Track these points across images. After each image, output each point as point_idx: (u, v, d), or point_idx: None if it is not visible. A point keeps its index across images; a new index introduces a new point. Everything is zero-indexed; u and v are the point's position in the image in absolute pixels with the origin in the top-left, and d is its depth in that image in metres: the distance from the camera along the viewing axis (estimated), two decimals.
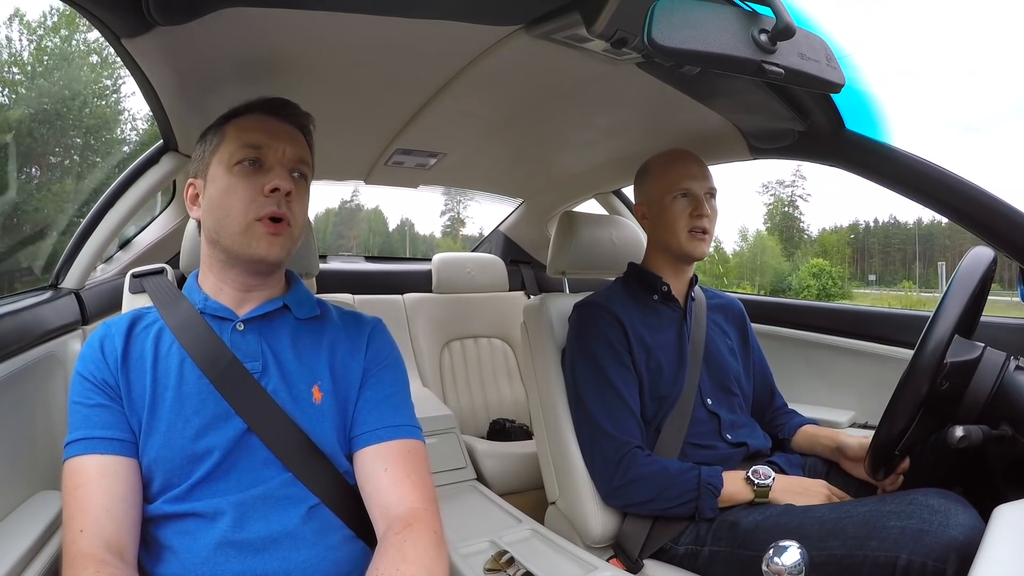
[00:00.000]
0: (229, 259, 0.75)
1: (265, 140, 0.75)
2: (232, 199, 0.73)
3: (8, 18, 15.67)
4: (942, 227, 33.79)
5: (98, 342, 0.73)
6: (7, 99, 15.59)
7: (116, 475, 0.66)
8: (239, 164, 0.74)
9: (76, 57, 16.09)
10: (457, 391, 2.01)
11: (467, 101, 1.12)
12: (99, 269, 1.50)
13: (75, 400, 0.71)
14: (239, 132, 0.76)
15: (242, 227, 0.72)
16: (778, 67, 0.68)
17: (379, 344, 0.83)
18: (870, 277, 33.63)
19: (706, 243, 1.15)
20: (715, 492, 0.98)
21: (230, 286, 0.77)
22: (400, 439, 0.76)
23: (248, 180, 0.73)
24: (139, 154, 1.27)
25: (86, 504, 0.64)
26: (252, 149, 0.74)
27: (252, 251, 0.73)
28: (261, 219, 0.72)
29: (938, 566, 0.70)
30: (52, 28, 16.85)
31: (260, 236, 0.72)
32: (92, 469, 0.66)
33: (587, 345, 1.12)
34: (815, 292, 10.35)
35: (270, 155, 0.75)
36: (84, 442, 0.68)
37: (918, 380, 0.79)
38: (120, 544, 0.64)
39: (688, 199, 1.14)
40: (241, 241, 0.72)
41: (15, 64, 15.81)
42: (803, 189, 36.33)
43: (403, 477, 0.72)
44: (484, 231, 2.59)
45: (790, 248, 34.03)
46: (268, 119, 0.78)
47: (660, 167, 1.18)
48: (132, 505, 0.66)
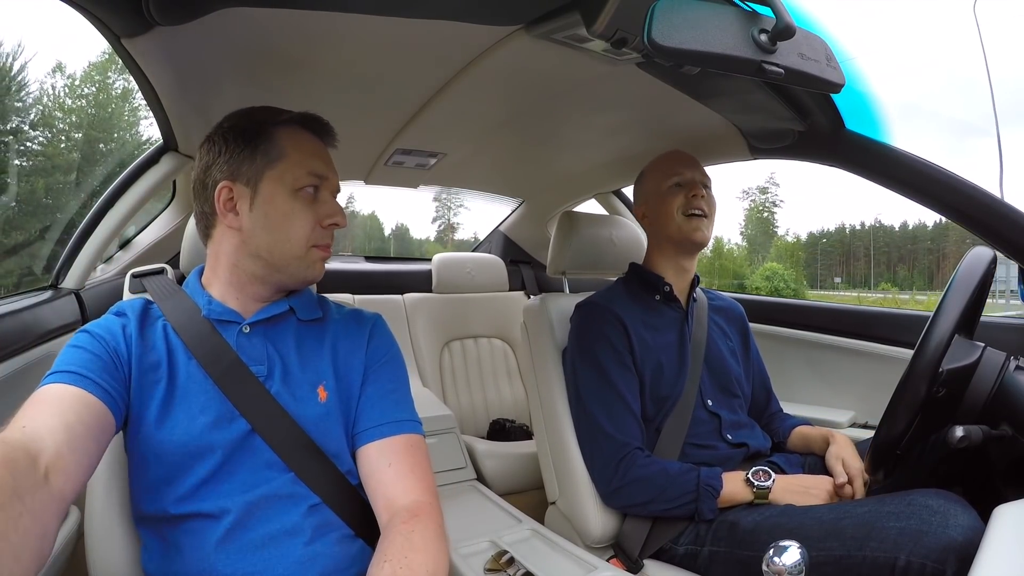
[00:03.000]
0: (269, 273, 0.76)
1: (325, 171, 0.77)
2: (295, 225, 0.74)
3: (52, 69, 16.36)
4: (927, 230, 34.43)
5: (119, 323, 0.72)
6: (66, 144, 16.16)
7: (73, 403, 0.61)
8: (303, 190, 0.74)
9: (114, 103, 16.64)
10: (457, 391, 2.01)
11: (467, 101, 1.12)
12: (99, 269, 1.50)
13: (72, 344, 0.68)
14: (303, 156, 0.75)
15: (302, 252, 0.75)
16: (778, 67, 0.68)
17: (379, 340, 0.83)
18: (836, 279, 34.67)
19: (704, 227, 1.15)
20: (714, 493, 0.98)
21: (248, 296, 0.77)
22: (402, 434, 0.77)
23: (310, 208, 0.75)
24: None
25: (24, 412, 0.58)
26: (316, 178, 0.75)
27: (307, 275, 0.77)
28: (318, 247, 0.76)
29: (937, 567, 0.70)
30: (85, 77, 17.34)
31: (315, 261, 0.76)
32: (52, 392, 0.61)
33: (588, 346, 1.12)
34: (766, 292, 11.31)
35: (325, 185, 0.77)
36: (60, 374, 0.63)
37: (918, 381, 0.78)
38: (38, 452, 0.53)
39: (682, 187, 1.15)
40: (297, 265, 0.75)
41: (60, 109, 16.34)
42: (776, 195, 37.03)
43: (407, 472, 0.73)
44: (477, 236, 2.61)
45: (763, 252, 34.93)
46: (321, 144, 0.79)
47: (653, 166, 1.21)
48: (74, 435, 0.58)
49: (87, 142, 16.06)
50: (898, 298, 27.45)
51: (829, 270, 35.99)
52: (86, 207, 1.30)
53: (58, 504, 0.53)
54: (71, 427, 0.58)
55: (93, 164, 15.90)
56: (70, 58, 25.99)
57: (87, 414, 0.61)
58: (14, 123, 15.44)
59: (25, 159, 14.54)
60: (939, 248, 34.20)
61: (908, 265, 35.17)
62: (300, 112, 0.78)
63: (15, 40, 20.05)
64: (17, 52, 14.95)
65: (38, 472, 0.52)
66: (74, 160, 15.36)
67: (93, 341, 0.69)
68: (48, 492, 0.52)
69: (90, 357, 0.67)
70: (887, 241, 36.01)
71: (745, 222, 36.84)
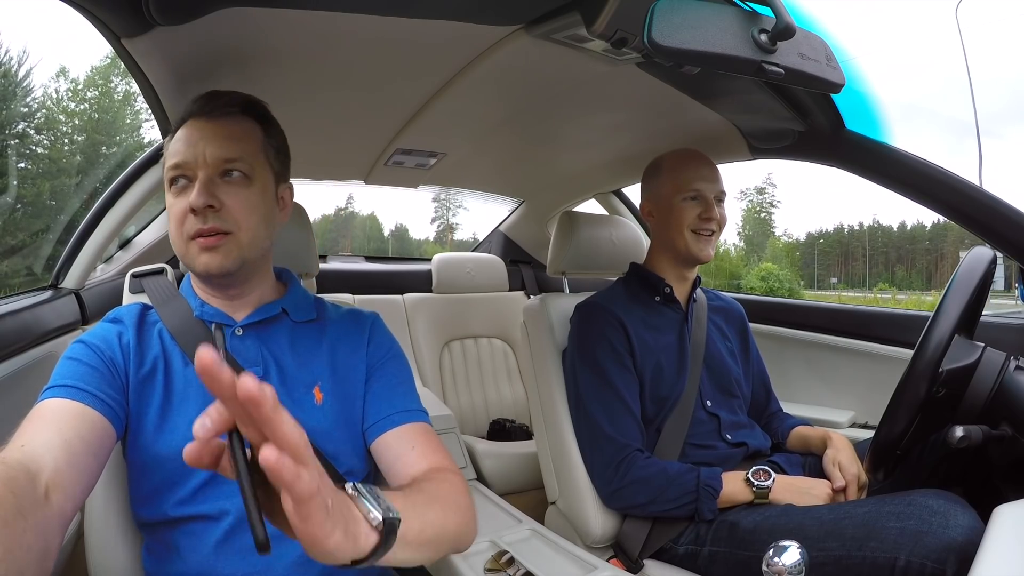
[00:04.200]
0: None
1: (186, 153, 0.71)
2: (172, 222, 0.72)
3: (56, 74, 16.53)
4: (924, 231, 34.63)
5: (114, 330, 0.73)
6: (69, 147, 16.28)
7: (72, 419, 0.61)
8: (172, 185, 0.73)
9: (116, 107, 16.77)
10: (457, 391, 2.01)
11: (467, 101, 1.12)
12: (99, 269, 1.50)
13: (68, 356, 0.69)
14: (170, 149, 0.73)
15: (183, 249, 0.73)
16: (778, 67, 0.68)
17: (379, 339, 0.83)
18: (832, 280, 34.98)
19: (712, 246, 1.15)
20: (714, 494, 0.98)
21: (212, 295, 0.77)
22: (417, 422, 0.77)
23: (179, 199, 0.71)
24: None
25: (23, 430, 0.59)
26: (175, 168, 0.71)
27: (196, 268, 0.73)
28: (194, 237, 0.71)
29: (937, 567, 0.70)
30: (88, 81, 17.41)
31: (196, 254, 0.71)
32: (50, 408, 0.62)
33: (588, 346, 1.12)
34: (761, 292, 11.48)
35: (194, 167, 0.71)
36: (57, 388, 0.64)
37: (918, 381, 0.79)
38: (37, 471, 0.54)
39: (698, 201, 1.13)
40: (187, 260, 0.73)
41: (64, 113, 16.46)
42: (773, 196, 37.33)
43: (431, 452, 0.74)
44: (476, 236, 2.60)
45: (760, 253, 35.20)
46: (195, 124, 0.73)
47: (672, 166, 1.17)
48: (73, 452, 0.58)
49: (90, 145, 16.15)
50: (897, 298, 27.69)
51: (827, 270, 36.27)
52: (87, 208, 1.30)
53: (59, 521, 0.53)
54: (70, 444, 0.58)
55: (96, 167, 16.00)
56: (73, 62, 26.17)
57: (86, 429, 0.62)
58: (20, 127, 15.53)
59: (30, 162, 14.64)
60: (937, 248, 34.38)
61: (906, 265, 35.37)
62: (192, 101, 0.74)
63: (20, 46, 20.20)
64: (23, 58, 15.05)
65: (38, 491, 0.52)
66: (77, 163, 15.45)
67: (89, 352, 0.69)
68: (49, 510, 0.52)
69: (87, 369, 0.67)
70: (885, 241, 36.20)
71: (742, 222, 37.21)
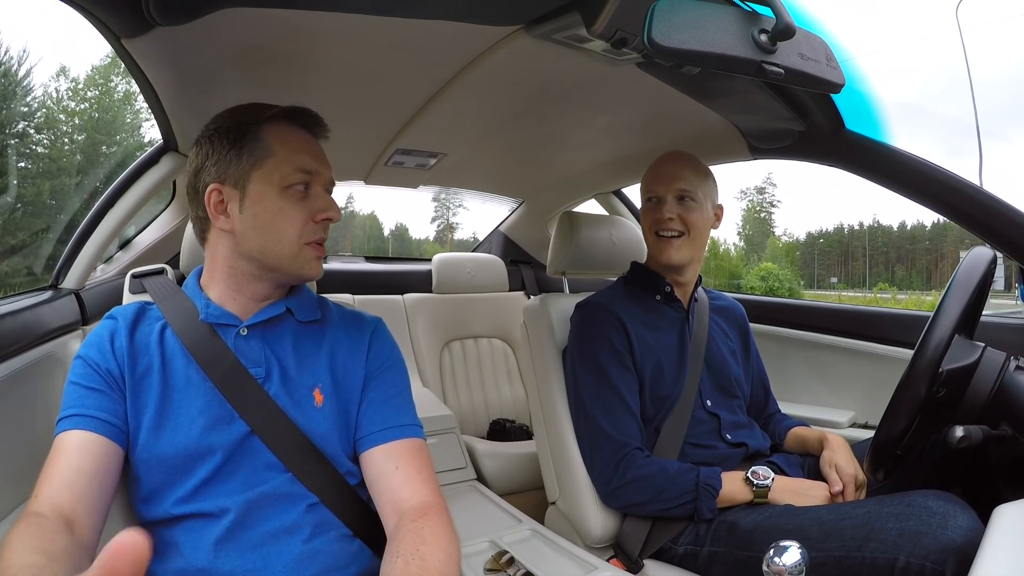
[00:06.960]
0: (265, 273, 0.75)
1: (314, 165, 0.75)
2: (285, 224, 0.73)
3: (56, 73, 16.64)
4: (924, 231, 34.75)
5: (108, 333, 0.74)
6: (69, 147, 16.41)
7: (89, 451, 0.67)
8: (291, 188, 0.73)
9: (116, 106, 16.87)
10: (457, 391, 2.01)
11: (467, 101, 1.12)
12: (99, 269, 1.50)
13: (73, 381, 0.71)
14: (289, 152, 0.73)
15: (294, 251, 0.74)
16: (778, 67, 0.68)
17: (380, 346, 0.83)
18: (832, 280, 35.16)
19: (675, 247, 1.11)
20: (713, 493, 0.98)
21: (246, 296, 0.77)
22: (406, 438, 0.77)
23: (300, 205, 0.74)
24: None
25: (52, 473, 0.65)
26: (305, 174, 0.74)
27: (302, 272, 0.75)
28: (311, 243, 0.75)
29: (936, 568, 0.70)
30: (88, 81, 17.48)
31: (310, 259, 0.75)
32: (69, 443, 0.67)
33: (589, 346, 1.12)
34: (761, 292, 11.42)
35: (316, 180, 0.75)
36: (73, 419, 0.68)
37: (918, 381, 0.78)
38: (72, 515, 0.62)
39: (652, 203, 1.14)
40: (291, 263, 0.74)
41: (64, 112, 16.57)
42: (773, 196, 37.53)
43: (414, 474, 0.74)
44: (476, 236, 2.60)
45: (760, 252, 35.35)
46: (310, 138, 0.77)
47: (647, 170, 1.18)
48: (98, 483, 0.66)
49: (90, 144, 16.18)
50: (897, 298, 27.73)
51: (827, 270, 36.36)
52: (87, 208, 1.30)
53: (86, 553, 0.60)
54: (86, 474, 0.65)
55: (96, 166, 16.03)
56: (73, 62, 26.25)
57: (98, 451, 0.67)
58: (20, 127, 15.56)
59: (30, 162, 14.66)
60: (937, 248, 34.43)
61: (906, 265, 35.41)
62: (286, 106, 0.76)
63: (20, 46, 20.23)
64: (23, 57, 15.07)
65: (72, 533, 0.60)
66: (77, 163, 15.48)
67: (88, 372, 0.71)
68: (78, 545, 0.60)
69: (95, 395, 0.70)
70: (885, 241, 36.26)
71: (742, 222, 37.30)
